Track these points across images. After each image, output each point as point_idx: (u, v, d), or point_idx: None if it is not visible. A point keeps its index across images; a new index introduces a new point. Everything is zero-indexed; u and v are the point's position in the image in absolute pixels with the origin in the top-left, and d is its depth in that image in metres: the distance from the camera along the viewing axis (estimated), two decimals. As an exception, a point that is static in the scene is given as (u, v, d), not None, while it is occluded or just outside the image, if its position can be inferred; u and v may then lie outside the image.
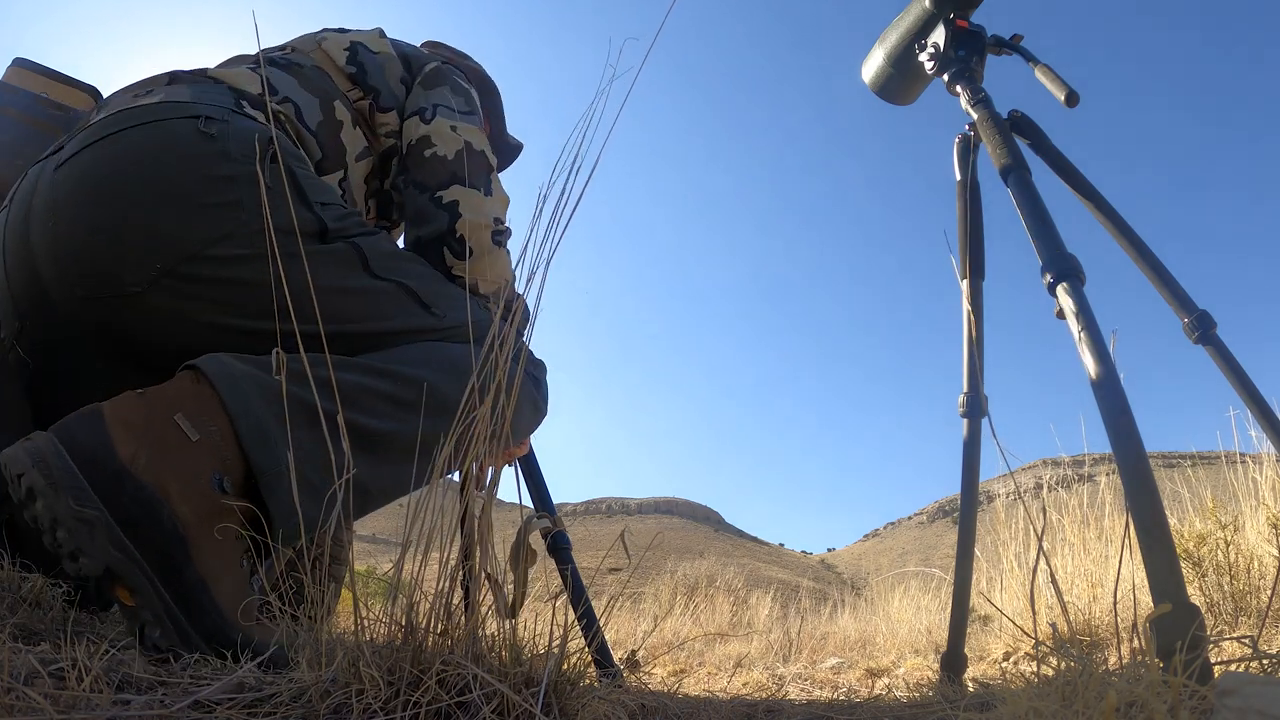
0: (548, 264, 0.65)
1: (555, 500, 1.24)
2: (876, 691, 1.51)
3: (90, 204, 0.82)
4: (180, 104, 0.87)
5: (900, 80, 1.28)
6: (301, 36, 1.13)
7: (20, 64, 1.19)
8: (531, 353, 1.03)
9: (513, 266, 1.10)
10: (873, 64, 1.31)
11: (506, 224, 1.08)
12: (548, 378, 1.07)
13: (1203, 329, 1.08)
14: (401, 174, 1.07)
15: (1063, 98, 1.06)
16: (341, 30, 1.14)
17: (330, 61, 1.08)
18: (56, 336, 0.87)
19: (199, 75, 0.97)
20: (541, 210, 0.66)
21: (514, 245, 1.09)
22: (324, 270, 0.83)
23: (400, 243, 1.09)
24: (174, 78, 0.95)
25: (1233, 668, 0.69)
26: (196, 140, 0.84)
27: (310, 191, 0.88)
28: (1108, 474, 2.43)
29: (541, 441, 1.23)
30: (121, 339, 0.86)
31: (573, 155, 0.66)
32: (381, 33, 1.17)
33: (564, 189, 0.65)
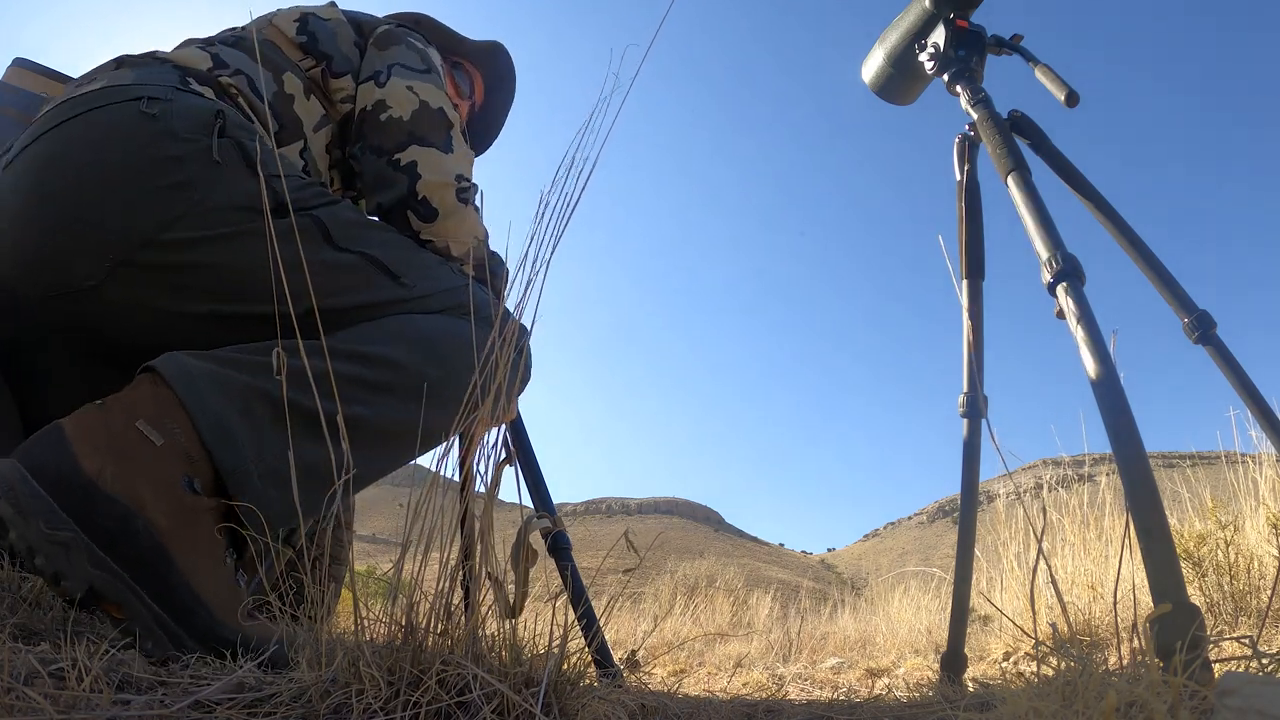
0: (546, 265, 0.65)
1: (555, 500, 1.24)
2: (876, 691, 1.51)
3: (38, 201, 0.81)
4: (122, 87, 0.84)
5: (900, 80, 1.29)
6: (256, 18, 1.10)
7: (20, 64, 1.18)
8: (508, 313, 0.99)
9: (483, 222, 1.06)
10: (873, 64, 1.31)
11: (472, 180, 1.04)
12: (530, 341, 1.04)
13: (1203, 329, 1.08)
14: (358, 141, 1.03)
15: (1063, 98, 1.06)
16: (294, 7, 1.11)
17: (280, 34, 1.05)
18: (26, 339, 0.86)
19: (146, 57, 0.94)
20: (540, 215, 0.66)
21: (515, 248, 1.08)
22: (282, 246, 0.78)
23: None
24: (121, 62, 0.92)
25: (1233, 667, 0.69)
26: (139, 122, 0.81)
27: (263, 164, 0.85)
28: (1108, 474, 2.43)
29: (542, 441, 1.23)
30: (90, 336, 0.85)
31: (571, 162, 0.66)
32: (333, 3, 1.15)
33: (561, 194, 0.66)
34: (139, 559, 0.65)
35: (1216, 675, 0.62)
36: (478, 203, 1.05)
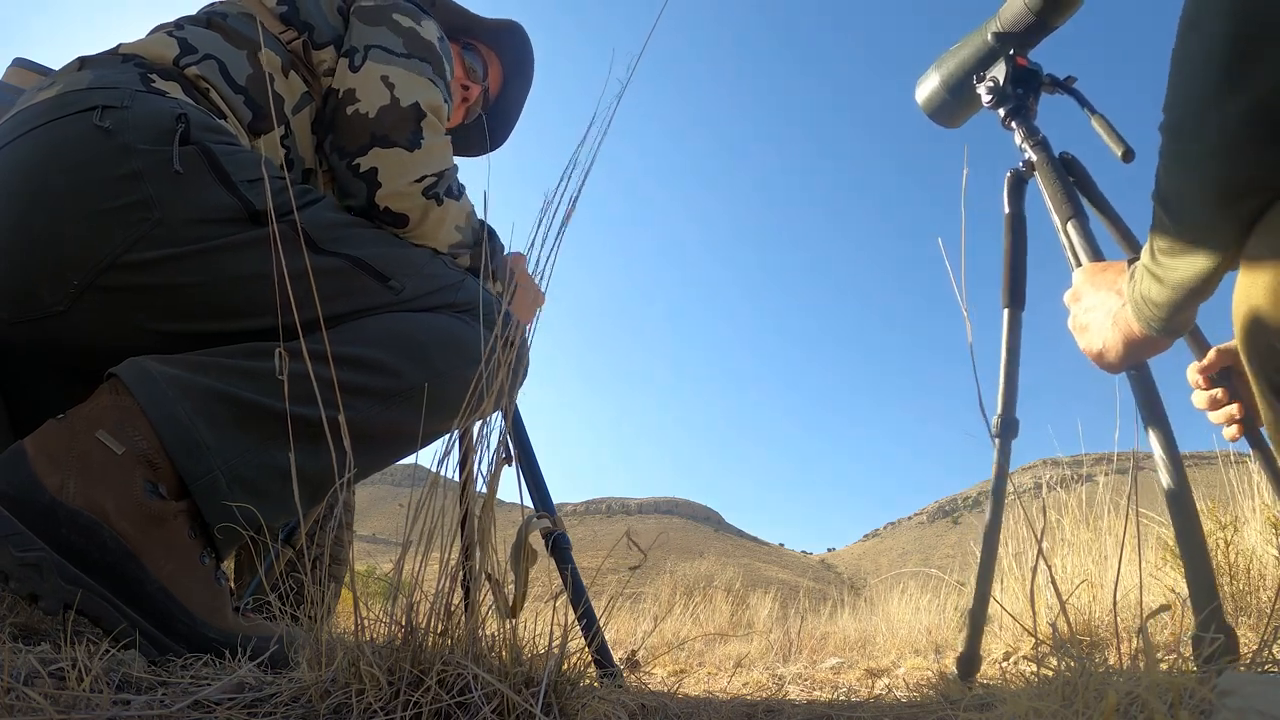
0: (552, 262, 0.65)
1: (555, 500, 1.24)
2: (876, 691, 1.51)
3: None
4: (77, 95, 0.78)
5: (954, 106, 1.31)
6: None
7: (20, 64, 1.18)
8: (508, 314, 0.93)
9: (468, 205, 1.00)
10: (928, 87, 1.33)
11: (443, 171, 0.95)
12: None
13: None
14: (329, 132, 0.95)
15: (1120, 153, 1.06)
16: None
17: (259, 5, 0.97)
18: (3, 354, 0.83)
19: (108, 55, 0.88)
20: (541, 219, 0.66)
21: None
22: (261, 257, 0.76)
23: None
24: (83, 62, 0.86)
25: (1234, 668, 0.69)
26: (92, 138, 0.76)
27: (233, 169, 0.80)
28: (1106, 474, 2.44)
29: (542, 441, 1.23)
30: (64, 357, 0.82)
31: (573, 163, 0.66)
32: None
33: (559, 194, 0.66)
34: (111, 569, 0.65)
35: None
36: (456, 189, 0.97)
